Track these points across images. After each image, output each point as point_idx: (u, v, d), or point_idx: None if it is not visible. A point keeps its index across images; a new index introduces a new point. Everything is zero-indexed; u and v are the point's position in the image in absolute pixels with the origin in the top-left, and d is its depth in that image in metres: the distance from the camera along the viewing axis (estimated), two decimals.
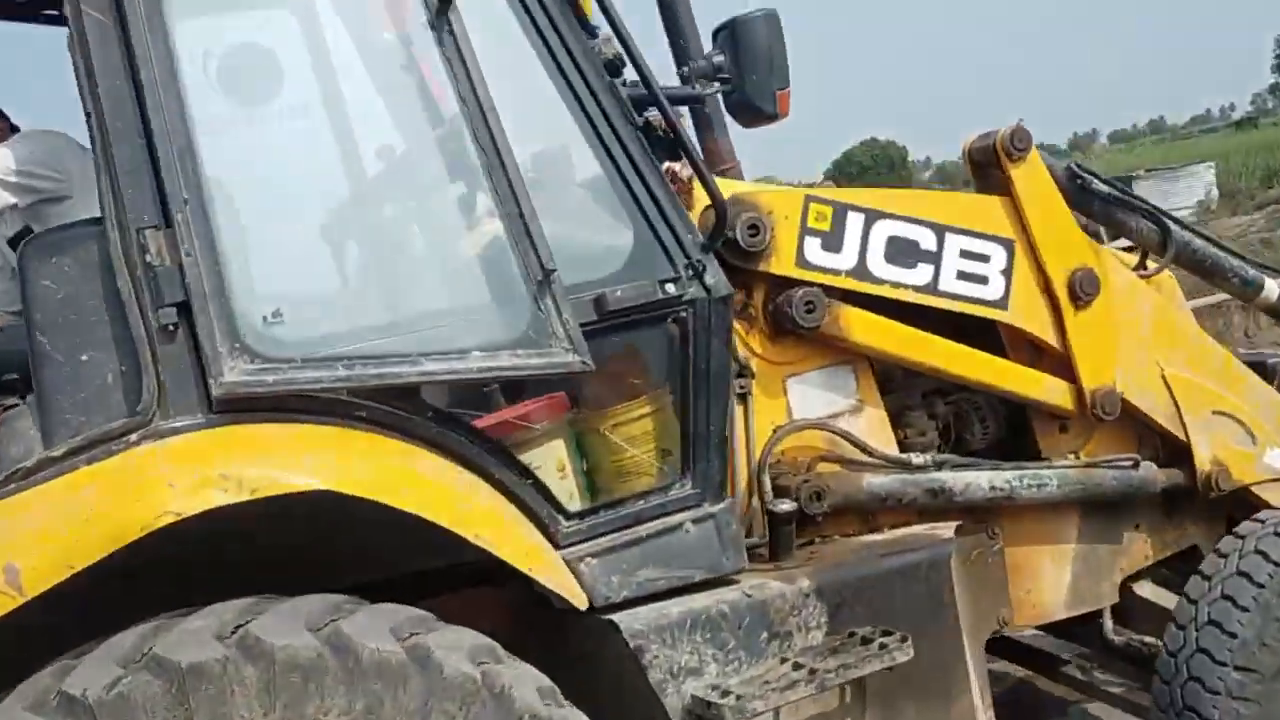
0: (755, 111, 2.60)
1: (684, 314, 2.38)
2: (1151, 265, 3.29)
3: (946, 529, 2.79)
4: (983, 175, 3.09)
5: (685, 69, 2.54)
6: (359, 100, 2.29)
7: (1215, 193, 32.95)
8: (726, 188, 2.78)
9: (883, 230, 2.87)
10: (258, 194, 2.20)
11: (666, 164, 2.50)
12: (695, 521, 2.40)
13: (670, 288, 2.35)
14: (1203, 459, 3.14)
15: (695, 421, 2.42)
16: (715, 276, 2.43)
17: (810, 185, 3.24)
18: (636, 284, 2.31)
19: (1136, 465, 3.10)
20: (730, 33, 2.53)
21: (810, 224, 2.81)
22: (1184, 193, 32.81)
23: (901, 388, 3.14)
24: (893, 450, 2.95)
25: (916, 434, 3.09)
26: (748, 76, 2.50)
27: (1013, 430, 3.22)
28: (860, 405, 2.96)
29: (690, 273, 2.38)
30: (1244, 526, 2.93)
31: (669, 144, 2.49)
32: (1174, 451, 3.19)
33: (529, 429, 2.35)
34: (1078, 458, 3.17)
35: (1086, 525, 3.18)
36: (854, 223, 2.85)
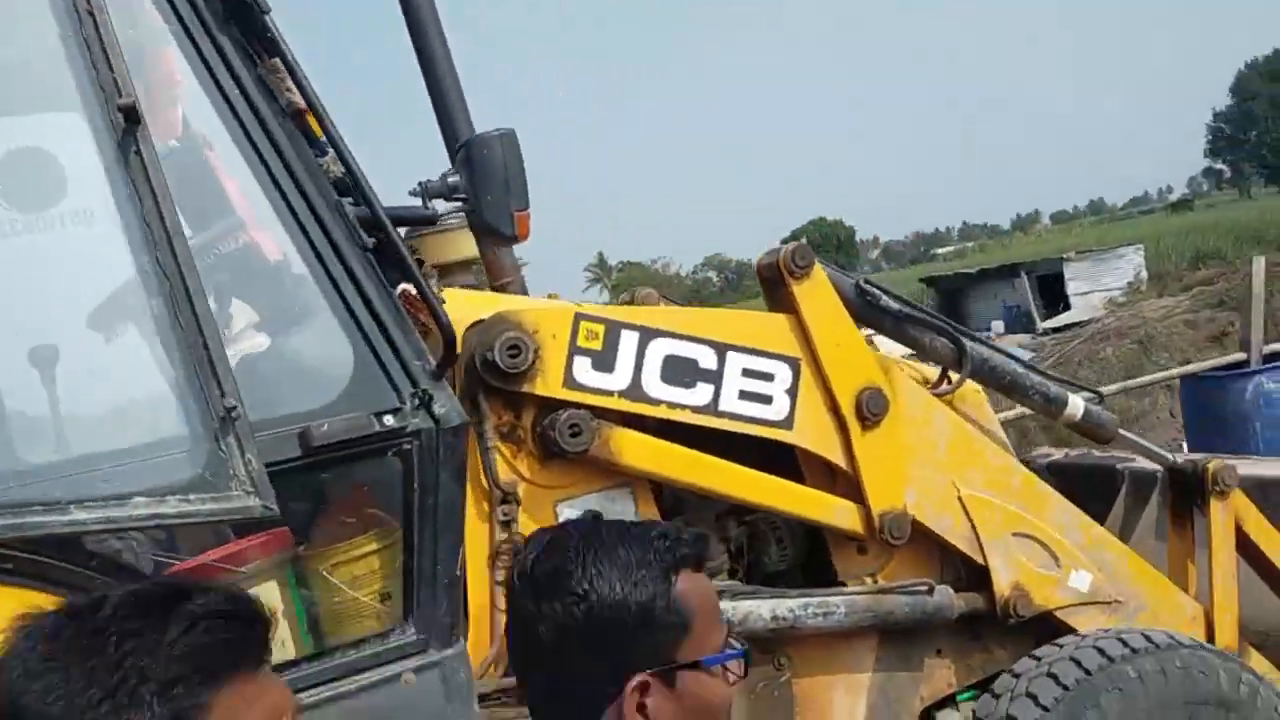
0: (493, 233, 2.51)
1: (408, 446, 2.25)
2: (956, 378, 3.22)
3: None
4: (771, 292, 3.02)
5: (419, 187, 2.45)
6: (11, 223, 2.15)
7: (1144, 274, 33.76)
8: (488, 304, 2.69)
9: (659, 349, 2.78)
10: None
11: (402, 285, 2.39)
12: (418, 670, 2.24)
13: (390, 419, 2.22)
14: (1002, 583, 3.04)
15: (421, 561, 2.28)
16: (446, 405, 2.30)
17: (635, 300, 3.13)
18: (349, 416, 2.18)
19: (931, 590, 2.99)
20: (467, 152, 2.44)
21: (580, 343, 2.71)
22: (1114, 274, 33.62)
23: (694, 508, 3.03)
24: None
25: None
26: (484, 197, 2.41)
27: (814, 552, 3.12)
28: None
29: (416, 402, 2.26)
30: (1043, 650, 2.84)
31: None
32: (976, 574, 3.09)
33: (238, 571, 2.20)
34: (875, 581, 3.07)
35: (884, 652, 3.07)
36: (628, 341, 2.75)
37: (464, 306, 2.69)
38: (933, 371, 3.24)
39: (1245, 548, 3.39)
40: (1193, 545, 3.33)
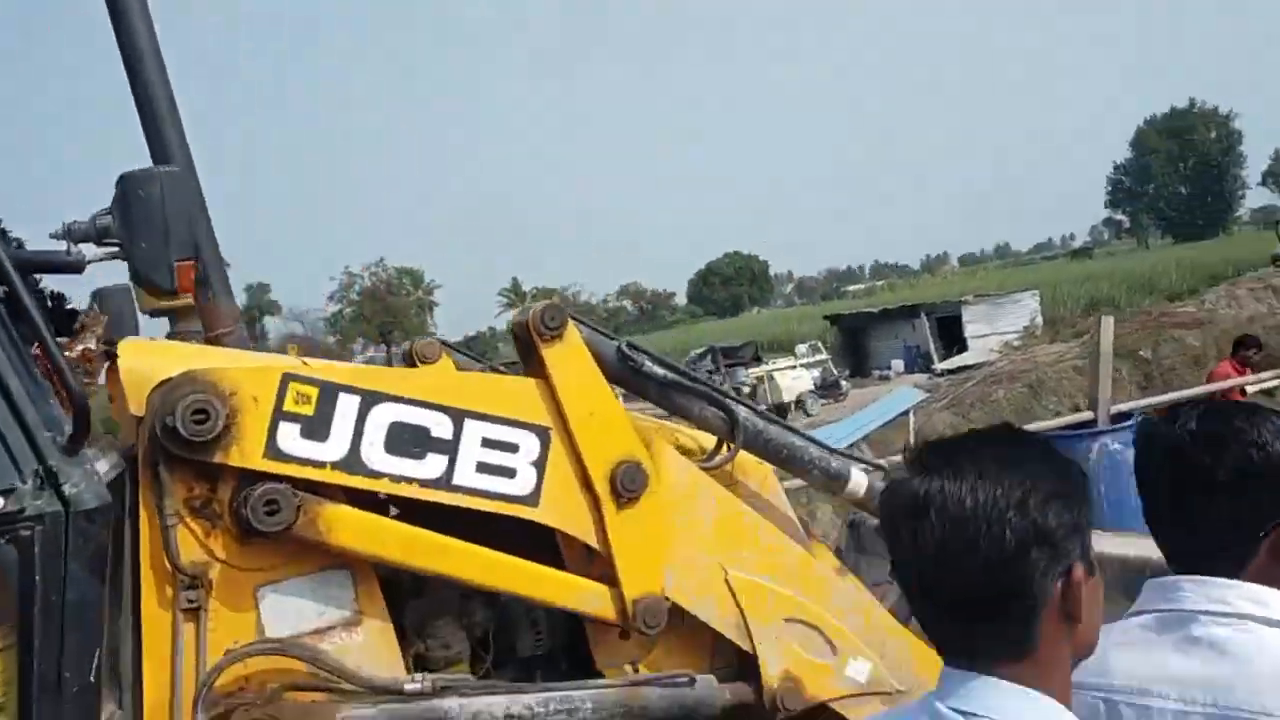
0: (148, 284, 2.20)
1: (26, 532, 1.92)
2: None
3: None
4: (524, 355, 2.75)
5: (63, 228, 2.13)
6: None
7: (1039, 319, 34.53)
8: (182, 360, 2.37)
9: (384, 415, 2.49)
10: None
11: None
12: None
13: (2, 501, 1.89)
14: (770, 674, 2.80)
15: (43, 666, 1.94)
16: (80, 485, 1.98)
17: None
18: None
19: (693, 682, 2.73)
20: (122, 190, 2.13)
21: (288, 407, 2.40)
22: (1010, 318, 34.33)
23: (435, 590, 2.73)
24: (397, 671, 2.52)
25: (440, 647, 2.68)
26: (138, 243, 2.10)
27: (578, 636, 2.85)
28: (358, 617, 2.53)
29: (39, 481, 1.93)
30: None
31: (55, 318, 2.06)
32: (750, 663, 2.84)
33: None
34: (636, 669, 2.80)
35: None
36: (346, 406, 2.46)
37: (155, 362, 2.37)
38: (713, 441, 3.00)
39: None
40: None
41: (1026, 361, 28.52)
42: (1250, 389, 9.54)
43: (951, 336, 34.13)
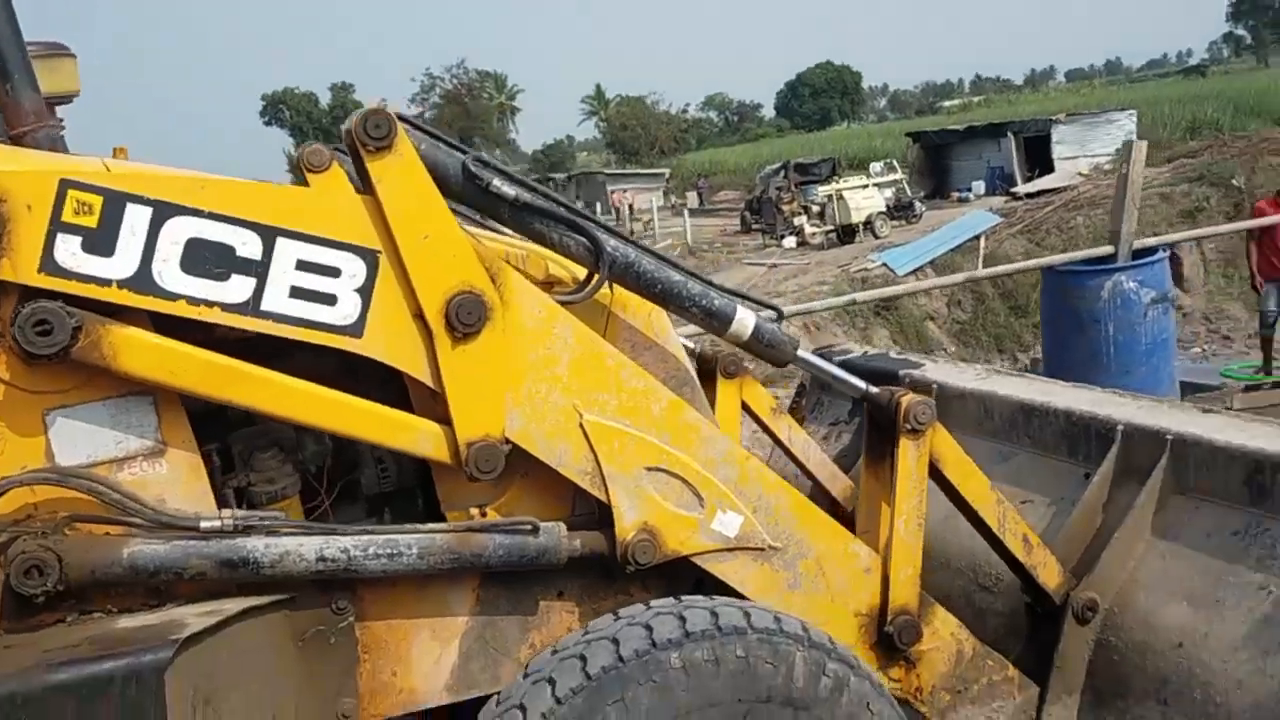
0: None
1: None
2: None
3: (206, 616, 2.22)
4: (360, 169, 2.45)
5: None
6: None
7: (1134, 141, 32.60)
8: None
9: (180, 229, 2.24)
10: None
11: None
12: None
13: None
14: (625, 524, 2.59)
15: None
16: None
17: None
18: None
19: (536, 530, 2.55)
20: None
21: (67, 217, 2.17)
22: (1103, 140, 32.50)
23: (263, 421, 2.55)
24: (205, 506, 2.37)
25: (264, 481, 2.52)
26: None
27: (429, 475, 2.67)
28: (161, 447, 2.36)
29: None
30: (598, 621, 2.42)
31: None
32: (608, 512, 2.64)
33: None
34: (483, 514, 2.63)
35: (486, 595, 2.65)
36: (136, 218, 2.21)
37: None
38: (583, 272, 2.71)
39: (948, 493, 2.95)
40: (889, 486, 2.88)
41: (1111, 187, 27.24)
42: None
43: (1040, 157, 32.50)
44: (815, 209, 29.56)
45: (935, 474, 2.88)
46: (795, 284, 23.03)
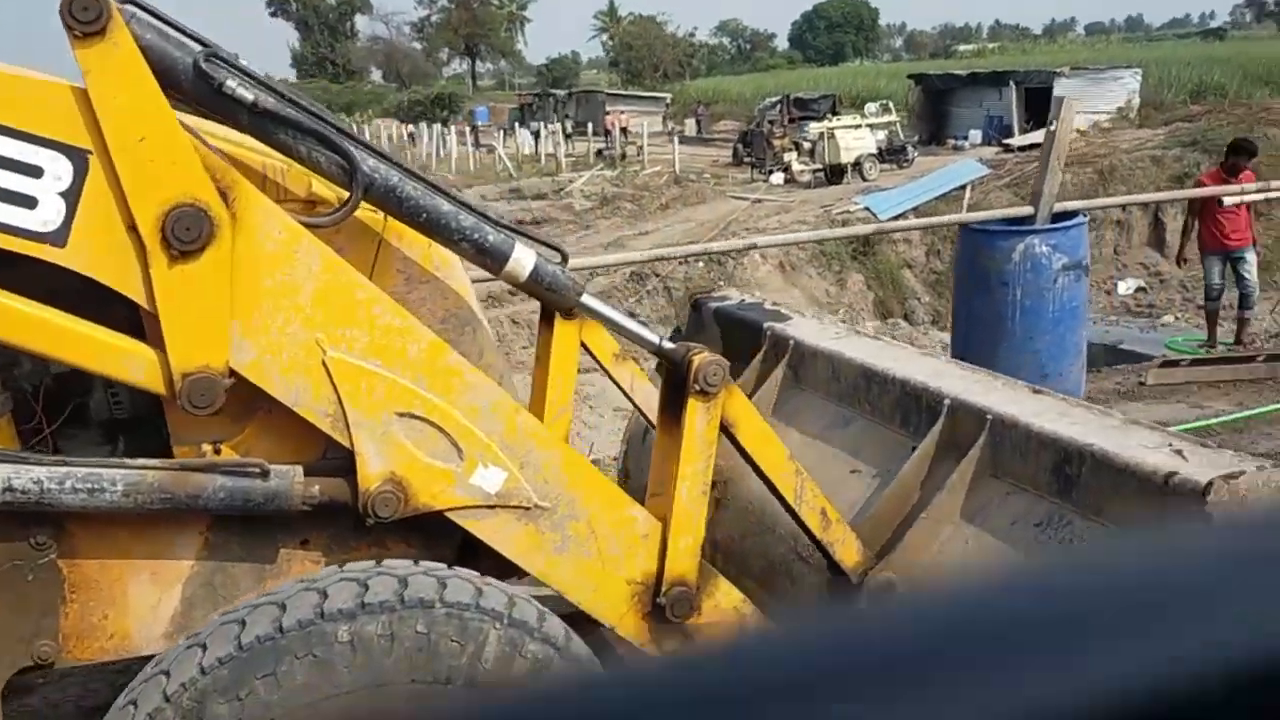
0: None
1: None
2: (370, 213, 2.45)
3: None
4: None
5: None
6: None
7: (1136, 100, 31.99)
8: None
9: None
10: None
11: None
12: None
13: None
14: (370, 474, 2.38)
15: None
16: None
17: None
18: None
19: (266, 474, 2.34)
20: None
21: None
22: (1106, 96, 31.86)
23: None
24: None
25: None
26: None
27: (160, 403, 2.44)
28: None
29: None
30: (283, 585, 2.21)
31: None
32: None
33: None
34: (216, 451, 2.41)
35: (217, 538, 2.45)
36: None
37: None
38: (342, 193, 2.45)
39: (747, 460, 2.75)
40: (680, 448, 2.67)
41: (1104, 145, 26.78)
42: (1229, 200, 8.49)
43: (1040, 110, 31.85)
44: (806, 146, 29.02)
45: (732, 440, 2.68)
46: (776, 221, 22.68)
